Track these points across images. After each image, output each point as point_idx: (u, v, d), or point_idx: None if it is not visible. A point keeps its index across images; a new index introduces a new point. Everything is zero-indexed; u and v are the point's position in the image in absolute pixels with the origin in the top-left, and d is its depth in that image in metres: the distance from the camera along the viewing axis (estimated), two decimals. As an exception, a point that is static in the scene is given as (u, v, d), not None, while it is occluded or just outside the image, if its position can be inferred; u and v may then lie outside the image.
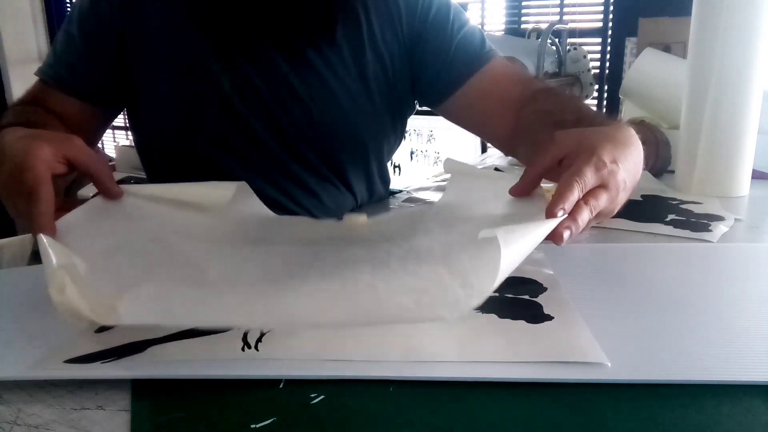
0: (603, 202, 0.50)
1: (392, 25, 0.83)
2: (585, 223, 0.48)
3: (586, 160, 0.50)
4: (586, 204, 0.49)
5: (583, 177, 0.49)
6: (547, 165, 0.54)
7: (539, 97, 0.77)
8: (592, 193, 0.50)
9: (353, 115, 0.82)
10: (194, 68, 0.77)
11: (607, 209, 0.51)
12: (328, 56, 0.80)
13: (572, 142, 0.53)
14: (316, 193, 0.85)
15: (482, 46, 0.84)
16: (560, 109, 0.70)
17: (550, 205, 0.47)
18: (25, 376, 0.42)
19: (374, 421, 0.37)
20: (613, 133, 0.54)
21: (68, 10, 3.64)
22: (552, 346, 0.44)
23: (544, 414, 0.37)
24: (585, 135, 0.54)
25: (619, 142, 0.53)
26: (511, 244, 0.41)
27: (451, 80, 0.83)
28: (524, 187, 0.54)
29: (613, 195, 0.51)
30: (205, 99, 0.78)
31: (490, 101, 0.82)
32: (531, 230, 0.44)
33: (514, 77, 0.83)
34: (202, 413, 0.38)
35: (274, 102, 0.79)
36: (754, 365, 0.42)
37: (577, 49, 2.32)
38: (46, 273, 0.43)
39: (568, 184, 0.48)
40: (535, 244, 0.45)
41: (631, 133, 0.56)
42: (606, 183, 0.51)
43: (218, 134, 0.79)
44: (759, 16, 0.86)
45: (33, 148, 0.53)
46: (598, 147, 0.51)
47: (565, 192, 0.48)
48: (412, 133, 2.70)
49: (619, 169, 0.51)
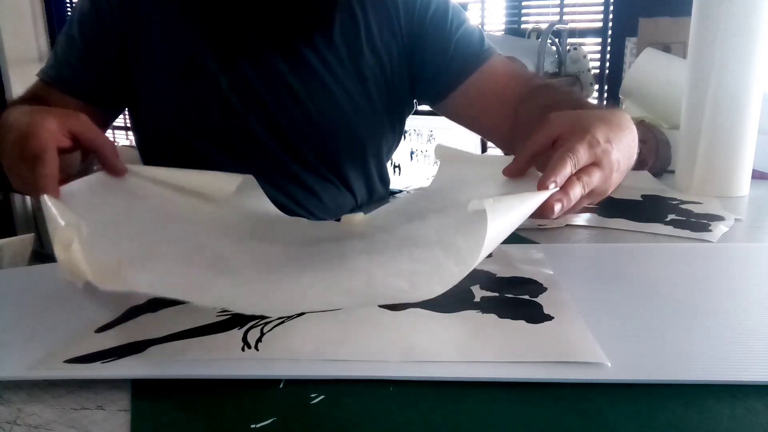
0: (596, 180, 0.50)
1: (390, 24, 0.83)
2: (577, 198, 0.48)
3: (580, 138, 0.50)
4: (579, 180, 0.49)
5: (576, 153, 0.49)
6: (540, 144, 0.53)
7: (538, 92, 0.77)
8: (585, 170, 0.50)
9: (352, 115, 0.82)
10: (193, 69, 0.77)
11: (600, 188, 0.51)
12: (325, 56, 0.80)
13: (566, 122, 0.53)
14: (316, 193, 0.86)
15: (481, 44, 0.84)
16: (558, 101, 0.70)
17: (542, 178, 0.47)
18: (25, 376, 0.42)
19: (374, 421, 0.37)
20: (608, 115, 0.54)
21: (68, 10, 3.64)
22: (552, 346, 0.44)
23: (544, 414, 0.37)
24: (579, 116, 0.54)
25: (613, 124, 0.53)
26: (499, 213, 0.41)
27: (451, 78, 0.83)
28: (518, 166, 0.54)
29: (607, 174, 0.51)
30: (204, 99, 0.78)
31: (490, 99, 0.82)
32: (521, 201, 0.44)
33: (513, 74, 0.83)
34: (202, 413, 0.38)
35: (272, 102, 0.79)
36: (754, 365, 0.42)
37: (577, 49, 2.33)
38: (50, 230, 0.43)
39: (560, 158, 0.48)
40: (525, 215, 0.45)
41: (626, 117, 0.56)
42: (599, 161, 0.51)
43: (217, 134, 0.79)
44: (759, 16, 0.86)
45: (39, 119, 0.54)
46: (592, 127, 0.51)
47: (557, 166, 0.48)
48: (412, 133, 2.69)
49: (612, 149, 0.51)
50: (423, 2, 0.84)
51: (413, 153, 2.80)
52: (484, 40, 0.85)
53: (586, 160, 0.50)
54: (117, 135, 3.69)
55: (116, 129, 3.61)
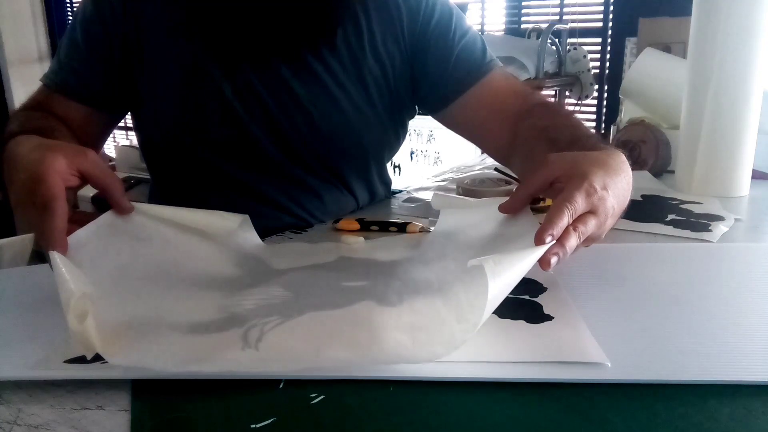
0: (591, 228, 0.51)
1: (393, 31, 0.83)
2: (573, 248, 0.49)
3: (578, 186, 0.51)
4: (575, 230, 0.50)
5: (574, 203, 0.50)
6: (538, 185, 0.55)
7: (536, 111, 0.77)
8: (581, 218, 0.51)
9: (354, 121, 0.82)
10: (196, 74, 0.77)
11: (594, 234, 0.52)
12: (329, 62, 0.80)
13: (564, 166, 0.54)
14: (318, 195, 0.86)
15: (483, 56, 0.84)
16: (555, 126, 0.71)
17: (539, 232, 0.48)
18: (25, 377, 0.42)
19: (374, 421, 0.37)
20: (605, 158, 0.55)
21: (68, 10, 3.64)
22: (552, 346, 0.44)
23: (544, 414, 0.37)
24: (577, 159, 0.55)
25: (611, 168, 0.54)
26: (499, 275, 0.42)
27: (451, 90, 0.84)
28: (514, 205, 0.55)
29: (602, 221, 0.52)
30: (207, 104, 0.78)
31: (488, 112, 0.83)
32: (519, 259, 0.45)
33: (512, 89, 0.84)
34: (202, 413, 0.38)
35: (275, 107, 0.79)
36: (754, 365, 0.42)
37: (577, 49, 2.33)
38: (63, 297, 0.43)
39: (558, 210, 0.49)
40: (524, 272, 0.45)
41: (622, 159, 0.58)
42: (595, 209, 0.51)
43: (219, 139, 0.79)
44: (759, 16, 0.86)
45: (48, 160, 0.53)
46: (589, 173, 0.52)
47: (555, 218, 0.48)
48: (412, 133, 2.70)
49: (608, 196, 0.52)
50: (427, 10, 0.84)
51: (413, 153, 2.80)
52: (487, 51, 0.85)
53: (583, 209, 0.51)
54: (117, 135, 3.69)
55: (117, 129, 3.60)
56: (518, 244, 0.51)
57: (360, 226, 0.76)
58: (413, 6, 0.84)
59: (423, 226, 0.75)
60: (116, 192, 0.58)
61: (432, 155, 2.76)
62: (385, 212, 0.90)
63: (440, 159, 2.72)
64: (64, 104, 0.79)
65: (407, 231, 0.74)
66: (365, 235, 0.73)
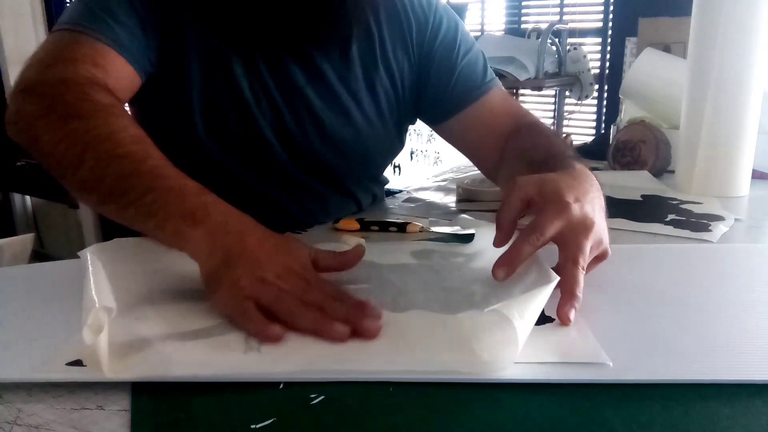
0: (588, 254, 0.53)
1: (404, 42, 0.84)
2: (581, 288, 0.50)
3: (584, 237, 0.52)
4: (583, 271, 0.52)
5: (584, 254, 0.51)
6: (515, 209, 0.56)
7: (522, 132, 0.79)
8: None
9: (364, 132, 0.83)
10: (218, 69, 0.76)
11: (600, 254, 0.56)
12: (341, 71, 0.80)
13: (532, 189, 0.55)
14: (322, 199, 0.87)
15: (483, 75, 0.85)
16: (535, 147, 0.72)
17: (560, 305, 0.48)
18: (27, 379, 0.41)
19: (374, 421, 0.37)
20: (569, 174, 0.58)
21: (68, 10, 3.64)
22: (553, 346, 0.44)
23: (544, 414, 0.37)
24: (543, 179, 0.56)
25: (575, 179, 0.57)
26: (523, 328, 0.41)
27: (449, 106, 0.85)
28: (502, 236, 0.56)
29: (597, 243, 0.54)
30: (225, 101, 0.77)
31: (482, 131, 0.84)
32: (535, 302, 0.45)
33: (508, 111, 0.85)
34: (202, 413, 0.38)
35: (288, 112, 0.79)
36: (754, 365, 0.42)
37: (577, 49, 2.33)
38: (85, 305, 0.44)
39: (573, 277, 0.50)
40: (542, 306, 0.46)
41: (586, 171, 0.60)
42: (597, 248, 0.54)
43: (230, 136, 0.79)
44: (759, 16, 0.86)
45: (242, 283, 0.48)
46: (558, 190, 0.54)
47: (573, 288, 0.49)
48: (412, 133, 2.70)
49: (585, 203, 0.54)
50: (435, 23, 0.85)
51: (413, 153, 2.80)
52: (487, 69, 0.86)
53: (589, 259, 0.53)
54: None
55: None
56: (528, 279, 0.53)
57: (360, 226, 0.77)
58: (421, 18, 0.85)
59: (423, 226, 0.75)
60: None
61: (432, 155, 2.76)
62: (385, 212, 0.91)
63: (440, 159, 2.72)
64: (117, 66, 0.68)
65: (407, 231, 0.75)
66: (365, 235, 0.73)
